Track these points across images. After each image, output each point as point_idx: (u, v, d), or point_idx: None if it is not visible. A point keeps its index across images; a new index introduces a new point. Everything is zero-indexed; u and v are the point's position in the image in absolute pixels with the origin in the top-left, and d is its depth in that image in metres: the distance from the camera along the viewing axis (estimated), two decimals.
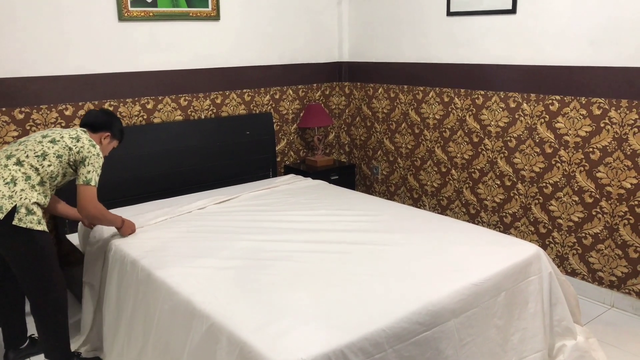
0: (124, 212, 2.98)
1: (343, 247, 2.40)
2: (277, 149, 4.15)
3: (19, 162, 2.16)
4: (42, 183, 2.21)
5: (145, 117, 3.50)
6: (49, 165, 2.21)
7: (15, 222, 2.08)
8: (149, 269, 2.26)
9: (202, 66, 3.68)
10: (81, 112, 3.25)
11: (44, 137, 2.26)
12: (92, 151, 2.28)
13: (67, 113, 3.21)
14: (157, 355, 2.13)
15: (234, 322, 1.79)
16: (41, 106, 3.12)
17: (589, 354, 2.37)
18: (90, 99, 3.27)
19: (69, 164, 2.26)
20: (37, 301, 2.23)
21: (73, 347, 2.53)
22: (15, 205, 2.08)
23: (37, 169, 2.18)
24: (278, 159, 4.18)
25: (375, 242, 2.46)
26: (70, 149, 2.24)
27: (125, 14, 3.28)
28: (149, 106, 3.51)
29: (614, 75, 2.81)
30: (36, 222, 2.14)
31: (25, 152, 2.19)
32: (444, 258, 2.28)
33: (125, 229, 2.55)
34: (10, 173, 2.13)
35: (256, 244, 2.48)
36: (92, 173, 2.26)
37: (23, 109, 3.06)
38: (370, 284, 2.05)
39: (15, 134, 3.05)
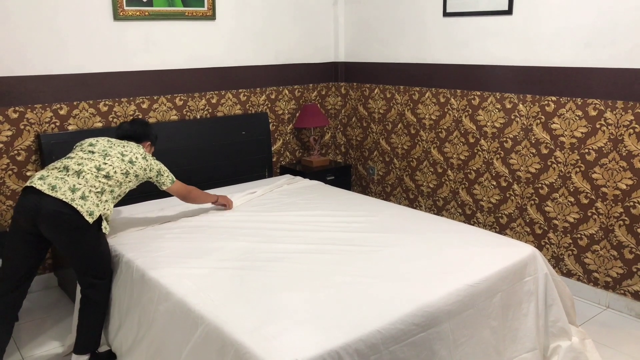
0: (120, 212, 2.97)
1: (338, 248, 2.40)
2: (273, 149, 4.14)
3: (108, 176, 2.36)
4: (118, 196, 2.44)
5: (140, 116, 3.48)
6: (129, 182, 2.46)
7: (103, 229, 2.33)
8: (144, 270, 2.25)
9: (198, 66, 3.67)
10: (76, 112, 3.23)
11: (122, 155, 2.45)
12: (155, 164, 2.55)
13: (62, 112, 3.19)
14: (151, 356, 2.12)
15: (229, 324, 1.79)
16: (35, 105, 3.10)
17: (583, 355, 2.37)
18: (85, 98, 3.26)
19: (139, 180, 2.53)
20: (92, 292, 2.36)
21: (62, 348, 2.56)
22: (101, 215, 2.30)
23: (120, 184, 2.41)
24: (274, 159, 4.17)
25: (371, 243, 2.45)
26: (144, 169, 2.50)
27: (121, 13, 3.27)
28: (144, 106, 3.49)
29: (610, 77, 2.82)
30: (107, 230, 2.38)
31: (113, 168, 2.38)
32: (440, 259, 2.27)
33: (221, 200, 2.94)
34: (101, 185, 2.32)
35: (251, 244, 2.47)
36: (169, 174, 2.60)
37: (17, 108, 3.04)
38: (365, 285, 2.05)
39: (10, 133, 3.03)
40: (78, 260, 2.32)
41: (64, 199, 2.19)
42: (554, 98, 3.07)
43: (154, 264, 2.27)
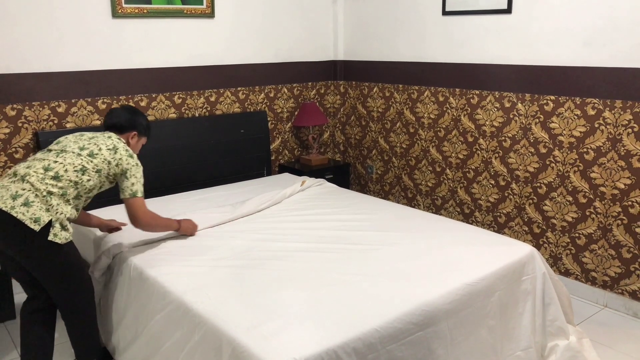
0: (118, 210, 2.96)
1: (337, 247, 2.39)
2: (271, 147, 4.14)
3: (57, 177, 2.09)
4: (78, 197, 2.15)
5: None
6: (88, 180, 2.16)
7: (50, 237, 2.02)
8: (141, 268, 2.24)
9: (197, 64, 3.66)
10: (74, 109, 3.23)
11: (81, 149, 2.19)
12: (131, 162, 2.24)
13: (60, 110, 3.18)
14: (149, 354, 2.12)
15: (227, 322, 1.78)
16: (33, 103, 3.09)
17: (581, 354, 2.37)
18: (84, 96, 3.25)
19: (108, 177, 2.22)
20: (70, 306, 2.19)
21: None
22: (51, 219, 2.02)
23: (75, 183, 2.13)
24: (272, 158, 4.17)
25: (369, 241, 2.45)
26: (109, 162, 2.19)
27: (119, 11, 3.26)
28: (143, 104, 3.49)
29: (609, 76, 2.82)
30: (67, 239, 2.09)
31: (64, 166, 2.11)
32: (438, 258, 2.27)
33: (183, 229, 2.49)
34: (47, 187, 2.05)
35: (249, 243, 2.47)
36: (136, 184, 2.24)
37: (15, 106, 3.04)
38: (363, 284, 2.04)
39: (7, 130, 3.03)
40: (42, 275, 2.11)
41: (4, 208, 1.97)
42: (552, 97, 3.07)
43: (151, 262, 2.27)
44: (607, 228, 2.95)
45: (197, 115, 3.73)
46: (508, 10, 3.18)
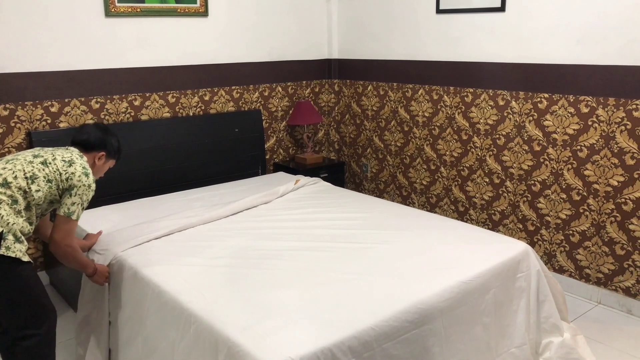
0: (112, 210, 2.96)
1: (332, 246, 2.39)
2: (266, 146, 4.13)
3: (5, 184, 1.90)
4: (28, 208, 1.97)
5: (132, 114, 3.46)
6: (37, 190, 1.96)
7: (2, 251, 1.83)
8: (136, 267, 2.24)
9: (190, 62, 3.65)
10: (67, 109, 3.21)
11: (35, 156, 2.03)
12: (84, 181, 2.04)
13: (53, 110, 3.16)
14: (146, 354, 2.11)
15: (222, 322, 1.78)
16: (26, 102, 3.07)
17: (575, 351, 2.38)
18: (77, 95, 3.23)
19: (58, 191, 2.03)
20: (19, 338, 1.94)
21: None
22: (2, 231, 1.84)
23: (25, 192, 1.94)
24: (267, 157, 4.16)
25: (365, 240, 2.45)
26: (60, 174, 2.01)
27: (112, 10, 3.24)
28: (137, 103, 3.47)
29: (602, 74, 2.83)
30: (23, 253, 1.91)
31: (13, 173, 1.94)
32: (433, 256, 2.28)
33: (97, 278, 2.26)
34: None
35: (244, 242, 2.46)
36: (76, 206, 2.03)
37: (7, 106, 3.02)
38: (359, 282, 2.05)
39: (0, 130, 3.01)
40: None
41: None
42: (546, 95, 3.08)
43: (146, 262, 2.26)
44: (601, 225, 2.96)
45: (191, 114, 3.72)
46: (502, 9, 3.18)
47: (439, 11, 3.54)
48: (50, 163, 2.02)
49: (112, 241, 2.44)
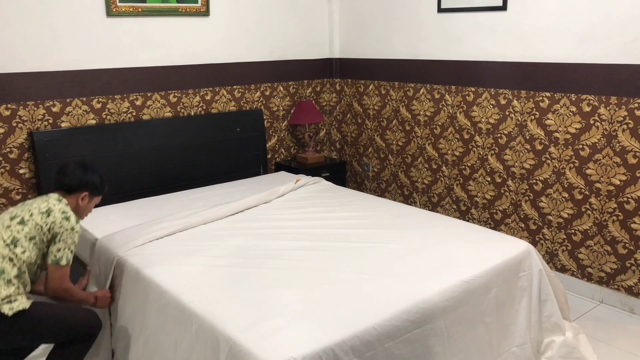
0: (114, 210, 2.96)
1: (333, 245, 2.39)
2: (267, 146, 4.13)
3: None
4: (19, 275, 1.94)
5: (134, 113, 3.47)
6: (24, 252, 1.94)
7: (5, 311, 1.85)
8: (138, 268, 2.24)
9: (192, 62, 3.65)
10: (69, 109, 3.21)
11: (12, 218, 2.00)
12: (65, 225, 2.01)
13: (55, 110, 3.17)
14: (148, 354, 2.11)
15: (224, 321, 1.78)
16: (28, 103, 3.07)
17: (577, 350, 2.38)
18: (78, 95, 3.23)
19: (44, 243, 2.01)
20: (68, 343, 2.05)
21: None
22: None
23: (11, 259, 1.92)
24: (269, 156, 4.16)
25: (366, 239, 2.45)
26: (41, 227, 1.98)
27: (114, 10, 3.25)
28: (138, 102, 3.47)
29: (604, 72, 2.82)
30: (25, 303, 1.91)
31: None
32: (435, 255, 2.28)
33: (99, 305, 2.26)
34: None
35: (246, 242, 2.46)
36: (63, 251, 2.01)
37: (9, 106, 3.02)
38: (361, 281, 2.04)
39: (2, 130, 3.01)
40: (27, 343, 2.01)
41: None
42: (548, 94, 3.07)
43: (148, 262, 2.26)
44: (603, 224, 2.95)
45: (192, 114, 3.72)
46: (503, 7, 3.18)
47: (440, 10, 3.53)
48: (28, 220, 1.98)
49: (113, 243, 2.45)
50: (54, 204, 2.04)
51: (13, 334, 1.92)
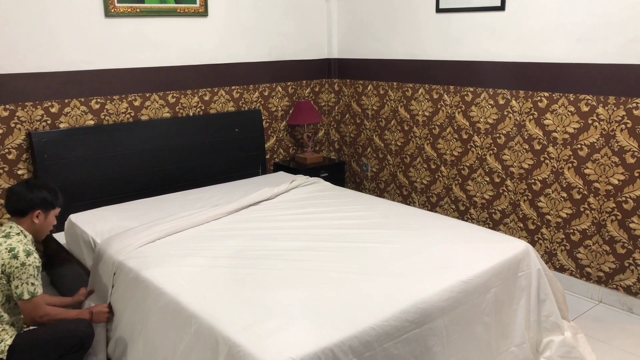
0: (112, 211, 2.96)
1: (332, 245, 2.39)
2: (266, 146, 4.13)
3: None
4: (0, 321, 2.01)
5: (132, 114, 3.46)
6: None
7: None
8: (137, 270, 2.23)
9: (190, 63, 3.65)
10: (67, 109, 3.21)
11: None
12: (14, 264, 2.00)
13: (53, 110, 3.16)
14: (147, 356, 2.11)
15: (223, 322, 1.78)
16: (26, 103, 3.07)
17: (576, 350, 2.38)
18: (77, 95, 3.23)
19: (6, 284, 2.02)
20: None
21: None
22: None
23: None
24: (267, 157, 4.16)
25: (365, 239, 2.45)
26: (2, 265, 1.99)
27: (112, 10, 3.24)
28: (137, 103, 3.47)
29: (602, 72, 2.83)
30: (9, 339, 1.98)
31: None
32: (434, 255, 2.28)
33: (96, 319, 2.25)
34: None
35: (244, 242, 2.46)
36: (21, 287, 2.00)
37: (7, 106, 3.01)
38: (359, 282, 2.04)
39: (0, 131, 3.01)
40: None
41: None
42: (546, 94, 3.07)
43: (146, 264, 2.26)
44: (602, 224, 2.96)
45: (191, 114, 3.72)
46: (501, 7, 3.18)
47: (438, 10, 3.53)
48: None
49: (112, 248, 2.44)
50: (1, 242, 2.03)
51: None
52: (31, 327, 2.13)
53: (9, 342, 1.95)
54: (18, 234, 2.08)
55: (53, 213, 2.21)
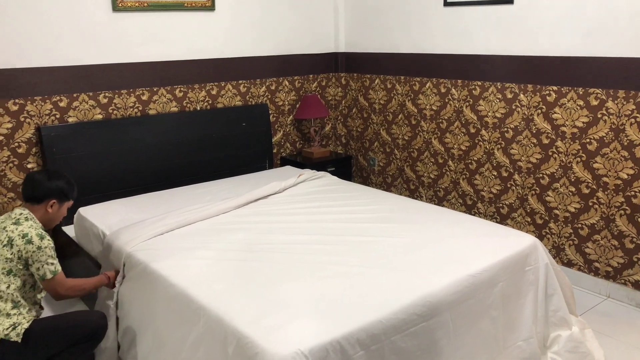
0: (121, 205, 2.97)
1: (340, 239, 2.40)
2: (273, 140, 4.13)
3: None
4: (16, 305, 2.01)
5: (140, 108, 3.48)
6: (8, 286, 2.00)
7: (14, 338, 1.93)
8: (145, 262, 2.25)
9: (198, 57, 3.65)
10: (76, 104, 3.23)
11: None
12: (30, 249, 2.02)
13: (62, 104, 3.18)
14: (156, 348, 2.13)
15: (231, 315, 1.79)
16: (35, 98, 3.09)
17: (583, 345, 2.38)
18: (85, 90, 3.25)
19: (25, 268, 2.05)
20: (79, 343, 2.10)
21: None
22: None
23: (0, 297, 1.99)
24: (274, 151, 4.17)
25: (373, 233, 2.45)
26: (10, 259, 2.01)
27: (120, 4, 3.25)
28: (144, 97, 3.48)
29: (611, 66, 2.81)
30: (27, 323, 1.99)
31: None
32: (441, 249, 2.28)
33: (113, 280, 2.35)
34: None
35: (253, 236, 2.47)
36: (42, 268, 2.04)
37: (17, 101, 3.04)
38: (367, 275, 2.05)
39: (10, 125, 3.03)
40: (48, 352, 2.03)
41: None
42: (555, 88, 3.06)
43: (155, 256, 2.27)
44: (610, 218, 2.94)
45: (198, 108, 3.73)
46: (510, 1, 3.16)
47: (446, 4, 3.52)
48: (14, 244, 2.02)
49: (121, 240, 2.46)
50: (12, 229, 2.04)
51: (28, 356, 1.98)
52: (48, 316, 2.16)
53: (26, 326, 1.98)
54: (27, 219, 2.10)
55: (66, 205, 2.24)
